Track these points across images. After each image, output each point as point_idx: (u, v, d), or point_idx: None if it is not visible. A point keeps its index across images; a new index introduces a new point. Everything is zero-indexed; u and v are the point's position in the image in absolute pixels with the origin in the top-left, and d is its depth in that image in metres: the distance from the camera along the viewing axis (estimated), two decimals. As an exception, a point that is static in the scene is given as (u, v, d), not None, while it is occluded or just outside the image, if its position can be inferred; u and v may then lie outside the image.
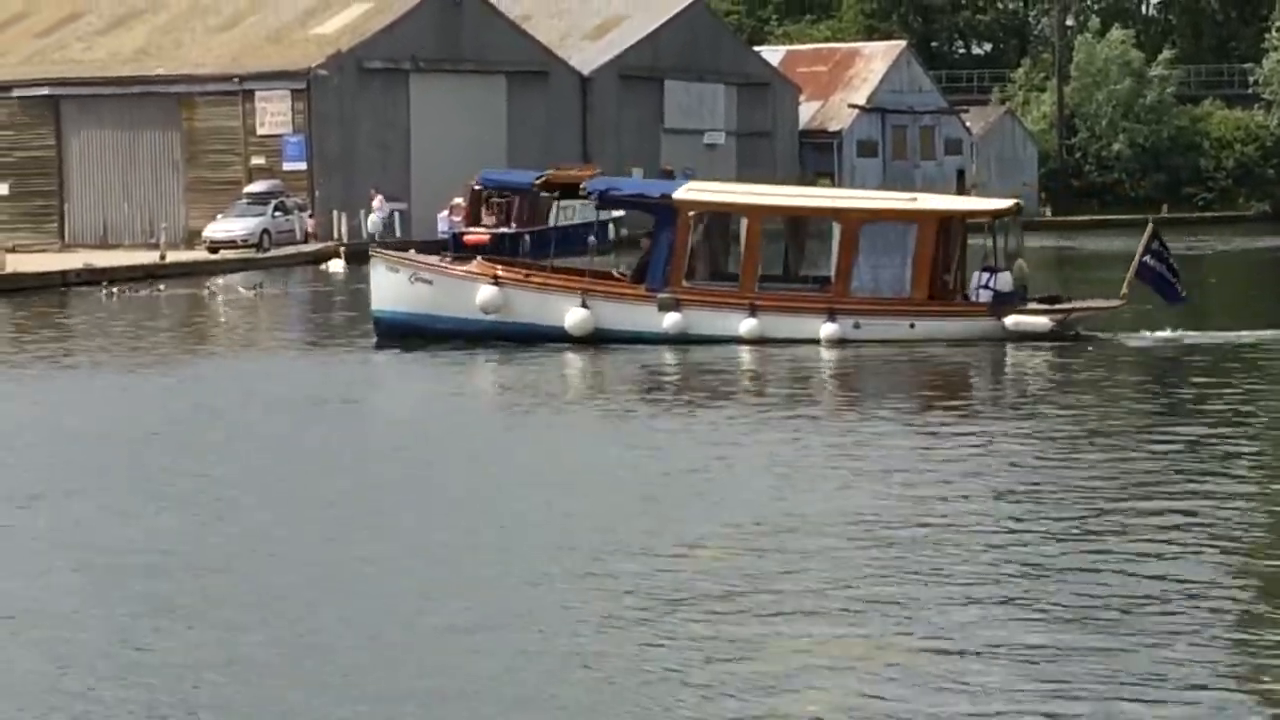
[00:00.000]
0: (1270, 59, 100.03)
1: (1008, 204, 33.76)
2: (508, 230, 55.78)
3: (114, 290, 47.62)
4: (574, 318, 31.78)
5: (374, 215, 65.89)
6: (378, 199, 66.35)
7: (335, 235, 64.73)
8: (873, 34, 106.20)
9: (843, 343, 30.78)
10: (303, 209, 65.54)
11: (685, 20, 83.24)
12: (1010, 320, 31.10)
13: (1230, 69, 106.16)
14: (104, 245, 67.13)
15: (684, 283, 31.88)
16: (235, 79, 68.31)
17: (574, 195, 35.63)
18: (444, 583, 13.92)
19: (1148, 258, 31.37)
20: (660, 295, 31.67)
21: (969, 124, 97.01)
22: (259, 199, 64.57)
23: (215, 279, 53.63)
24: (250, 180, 66.92)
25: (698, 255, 32.35)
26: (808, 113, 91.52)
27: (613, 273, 34.24)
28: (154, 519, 16.53)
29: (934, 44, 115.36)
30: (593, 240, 35.40)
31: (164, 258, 58.09)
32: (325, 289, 51.17)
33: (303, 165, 67.37)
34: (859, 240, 31.49)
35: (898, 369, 28.67)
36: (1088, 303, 33.33)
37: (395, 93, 70.08)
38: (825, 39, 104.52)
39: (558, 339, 31.47)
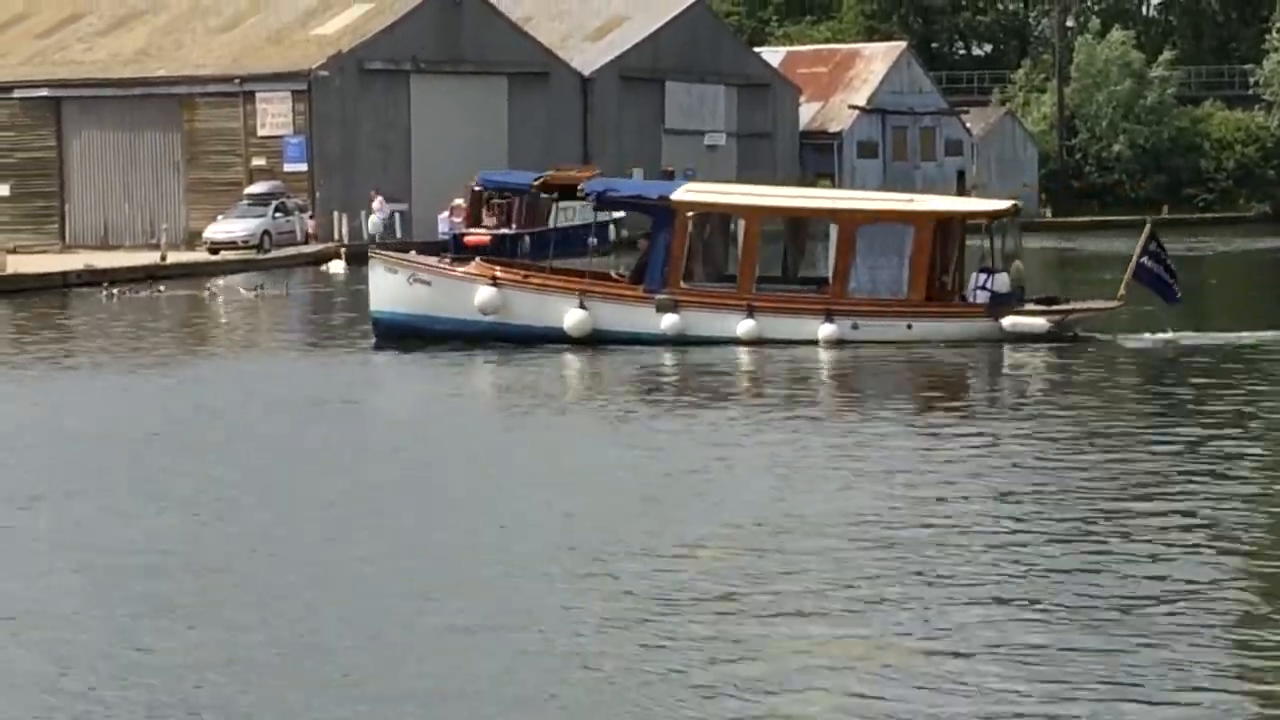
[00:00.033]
0: (1271, 60, 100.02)
1: (1005, 205, 33.75)
2: (508, 231, 55.86)
3: (114, 291, 47.58)
4: (572, 319, 31.76)
5: (374, 216, 65.88)
6: (377, 200, 66.33)
7: (336, 236, 64.72)
8: (873, 35, 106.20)
9: (840, 344, 30.77)
10: (303, 210, 65.52)
11: (686, 21, 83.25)
12: (1007, 321, 31.09)
13: (1231, 70, 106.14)
14: (105, 246, 67.14)
15: (682, 284, 31.85)
16: (236, 80, 68.33)
17: (572, 196, 35.64)
18: (444, 583, 13.92)
19: (1145, 259, 31.36)
20: (658, 296, 31.66)
21: (969, 125, 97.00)
22: (260, 200, 64.56)
23: (216, 280, 53.60)
24: (251, 181, 66.92)
25: (695, 256, 32.33)
26: (808, 114, 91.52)
27: (611, 274, 34.23)
28: (154, 519, 16.54)
29: (934, 45, 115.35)
30: (593, 241, 35.40)
31: (164, 259, 58.08)
32: (326, 290, 51.17)
33: (303, 166, 67.37)
34: (856, 241, 31.49)
35: (896, 370, 28.67)
36: (1085, 304, 33.33)
37: (396, 94, 70.09)
38: (825, 40, 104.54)
39: (556, 340, 31.45)
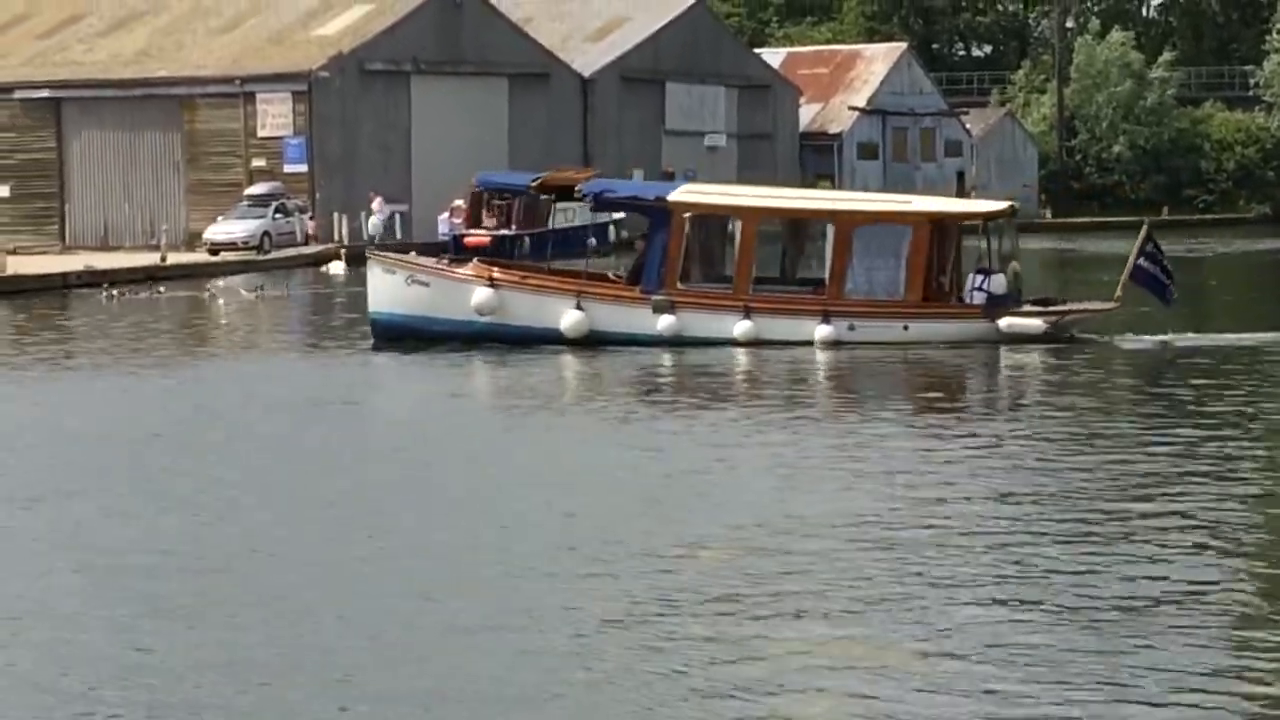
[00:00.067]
0: (1271, 61, 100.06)
1: (1001, 206, 33.73)
2: (507, 232, 55.89)
3: (115, 292, 47.57)
4: (569, 320, 31.74)
5: (374, 217, 65.87)
6: (377, 201, 66.33)
7: (336, 237, 64.73)
8: (873, 36, 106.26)
9: (837, 345, 30.76)
10: (303, 211, 65.54)
11: (686, 22, 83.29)
12: (1004, 322, 31.06)
13: (1231, 71, 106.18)
14: (105, 247, 67.19)
15: (679, 285, 31.83)
16: (236, 81, 68.34)
17: (570, 197, 35.63)
18: (444, 583, 13.92)
19: (1142, 260, 31.35)
20: (655, 297, 31.65)
21: (969, 126, 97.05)
22: (260, 201, 64.58)
23: (216, 281, 53.63)
24: (251, 182, 66.95)
25: (692, 257, 32.32)
26: (808, 115, 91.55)
27: (609, 275, 34.22)
28: (154, 520, 16.54)
29: (934, 46, 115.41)
30: (592, 242, 35.38)
31: (165, 260, 58.10)
32: (326, 291, 51.17)
33: (304, 167, 67.38)
34: (853, 242, 31.48)
35: (893, 371, 28.66)
36: (1082, 305, 33.29)
37: (396, 94, 70.11)
38: (826, 41, 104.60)
39: (553, 341, 31.44)
